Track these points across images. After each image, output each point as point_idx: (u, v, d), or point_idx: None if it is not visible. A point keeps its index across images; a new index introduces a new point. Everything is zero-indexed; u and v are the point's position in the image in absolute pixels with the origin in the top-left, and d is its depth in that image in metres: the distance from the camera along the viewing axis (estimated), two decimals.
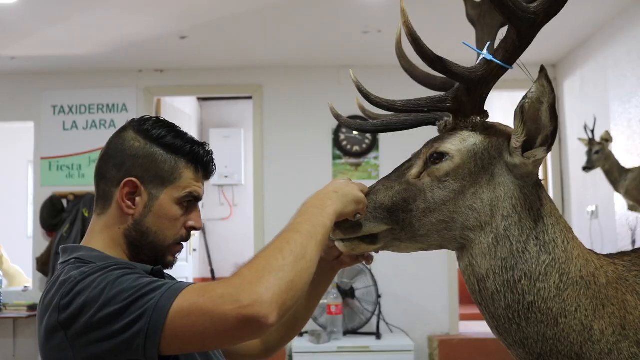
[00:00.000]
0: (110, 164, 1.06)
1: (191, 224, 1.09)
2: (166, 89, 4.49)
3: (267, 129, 4.40)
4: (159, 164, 1.05)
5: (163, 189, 1.06)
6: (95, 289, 0.89)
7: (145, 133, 1.07)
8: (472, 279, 0.94)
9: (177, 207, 1.07)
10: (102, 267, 0.93)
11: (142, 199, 1.05)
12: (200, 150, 1.09)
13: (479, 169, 0.94)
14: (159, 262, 1.08)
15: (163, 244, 1.07)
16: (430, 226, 0.96)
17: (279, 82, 4.43)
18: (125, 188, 1.04)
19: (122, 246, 1.05)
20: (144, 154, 1.05)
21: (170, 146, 1.06)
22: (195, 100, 5.95)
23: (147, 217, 1.05)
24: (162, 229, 1.06)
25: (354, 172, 4.34)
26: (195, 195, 1.08)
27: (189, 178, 1.07)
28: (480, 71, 0.93)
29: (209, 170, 1.12)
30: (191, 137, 1.11)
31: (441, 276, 4.23)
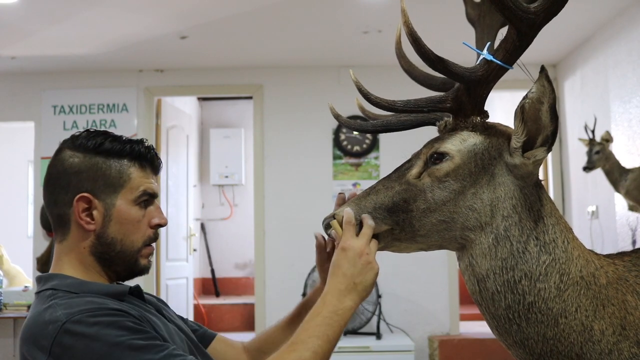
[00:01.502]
0: (57, 189, 1.04)
1: (156, 222, 1.08)
2: (166, 88, 4.49)
3: (267, 129, 4.40)
4: (104, 171, 1.03)
5: (116, 195, 1.04)
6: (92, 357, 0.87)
7: (81, 147, 1.04)
8: (472, 279, 0.94)
9: (136, 208, 1.05)
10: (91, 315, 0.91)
11: (98, 211, 1.03)
12: (141, 147, 1.07)
13: (479, 169, 0.94)
14: (133, 269, 1.06)
15: (132, 249, 1.05)
16: (430, 226, 0.96)
17: (279, 82, 4.43)
18: (79, 205, 1.02)
19: (92, 265, 1.04)
20: (86, 167, 1.03)
21: (109, 152, 1.04)
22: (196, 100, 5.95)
23: (109, 228, 1.03)
24: (127, 234, 1.04)
25: (354, 172, 4.34)
26: (149, 192, 1.07)
27: (138, 177, 1.06)
28: (480, 71, 0.93)
29: (155, 165, 1.10)
30: (127, 138, 1.09)
31: (441, 276, 4.23)
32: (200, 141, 6.15)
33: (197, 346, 1.12)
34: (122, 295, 1.02)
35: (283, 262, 4.22)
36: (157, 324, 1.02)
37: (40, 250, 4.29)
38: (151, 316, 1.03)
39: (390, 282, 4.14)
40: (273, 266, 4.28)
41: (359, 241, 0.97)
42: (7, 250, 4.99)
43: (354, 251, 0.97)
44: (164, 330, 1.01)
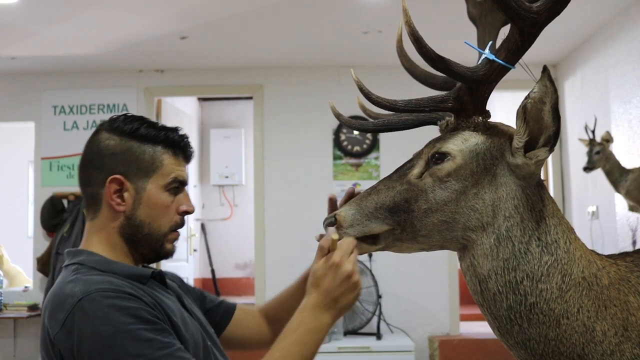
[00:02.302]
0: (92, 169, 1.08)
1: (183, 209, 1.11)
2: (167, 89, 4.49)
3: (267, 129, 4.40)
4: (138, 156, 1.07)
5: (148, 180, 1.07)
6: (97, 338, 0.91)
7: (118, 130, 1.08)
8: (474, 279, 0.94)
9: (166, 194, 1.08)
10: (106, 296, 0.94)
11: (129, 194, 1.06)
12: (175, 135, 1.11)
13: (481, 169, 0.94)
14: (159, 252, 1.10)
15: (159, 233, 1.08)
16: (431, 226, 0.95)
17: (280, 83, 4.43)
18: (111, 186, 1.06)
19: (119, 245, 1.07)
20: (121, 150, 1.07)
21: (145, 137, 1.08)
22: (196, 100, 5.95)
23: (138, 210, 1.07)
24: (155, 218, 1.08)
25: (354, 173, 4.34)
26: (180, 179, 1.10)
27: (170, 164, 1.09)
28: (482, 71, 0.92)
29: (188, 153, 1.13)
30: (163, 125, 1.12)
31: (442, 276, 4.23)
32: (201, 141, 6.15)
33: (213, 340, 1.14)
34: (144, 278, 1.05)
35: (283, 263, 4.22)
36: (172, 310, 1.04)
37: (40, 250, 4.28)
38: (168, 302, 1.05)
39: (390, 283, 4.14)
40: (273, 266, 4.28)
41: (350, 261, 0.97)
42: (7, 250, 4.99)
43: (345, 272, 0.97)
44: (178, 318, 1.03)
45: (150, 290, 1.04)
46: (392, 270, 4.14)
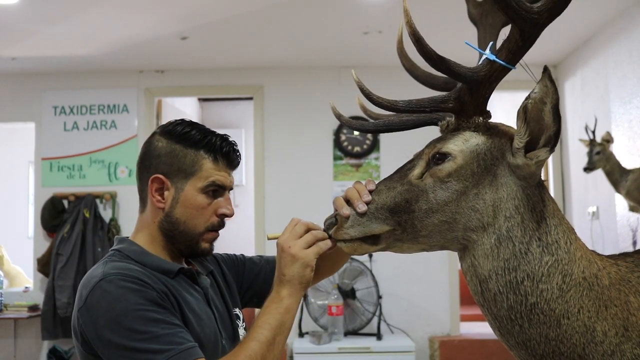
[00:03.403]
0: (142, 168, 1.18)
1: (222, 211, 1.18)
2: (167, 89, 4.49)
3: (267, 130, 4.40)
4: (180, 158, 1.15)
5: (187, 181, 1.15)
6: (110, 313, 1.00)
7: (167, 133, 1.17)
8: (475, 279, 0.94)
9: (203, 196, 1.15)
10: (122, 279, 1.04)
11: (170, 193, 1.15)
12: (217, 140, 1.17)
13: (482, 170, 0.94)
14: (194, 250, 1.17)
15: (194, 231, 1.16)
16: (432, 227, 0.96)
17: (280, 83, 4.43)
18: (154, 184, 1.15)
19: (158, 238, 1.16)
20: (166, 152, 1.16)
21: (189, 141, 1.15)
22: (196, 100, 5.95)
23: (175, 209, 1.15)
24: (191, 217, 1.15)
25: (354, 173, 4.34)
26: (218, 183, 1.16)
27: (210, 168, 1.16)
28: (483, 71, 0.93)
29: (231, 159, 1.20)
30: (211, 130, 1.19)
31: (442, 277, 4.23)
32: None
33: (234, 335, 1.23)
34: (170, 273, 1.13)
35: None
36: (191, 305, 1.12)
37: (40, 251, 4.28)
38: (189, 297, 1.13)
39: (390, 283, 4.14)
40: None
41: (282, 237, 1.09)
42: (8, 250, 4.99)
43: (279, 247, 1.08)
44: (193, 313, 1.11)
45: (173, 284, 1.12)
46: (393, 270, 4.14)
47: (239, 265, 1.38)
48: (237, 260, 1.40)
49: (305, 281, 1.07)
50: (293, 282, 1.07)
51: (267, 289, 1.34)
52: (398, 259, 3.96)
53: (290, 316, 1.07)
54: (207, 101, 6.14)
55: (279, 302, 1.07)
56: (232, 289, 1.32)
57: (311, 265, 1.07)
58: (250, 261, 1.40)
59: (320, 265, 1.16)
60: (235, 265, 1.38)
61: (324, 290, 3.84)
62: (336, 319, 3.75)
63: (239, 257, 1.41)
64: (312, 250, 1.06)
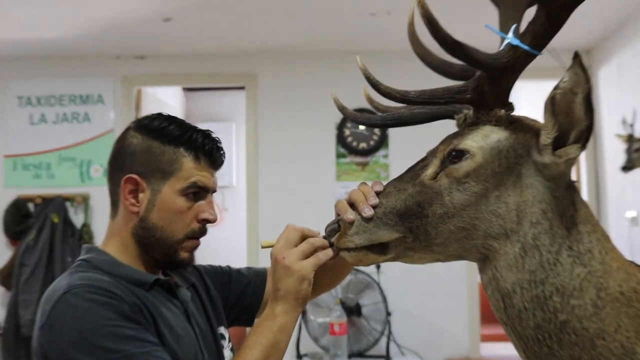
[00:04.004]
0: (114, 167, 1.18)
1: (204, 216, 1.18)
2: (147, 77, 4.50)
3: (261, 124, 4.41)
4: (157, 156, 1.15)
5: (164, 182, 1.15)
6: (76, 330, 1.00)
7: (143, 128, 1.17)
8: (496, 294, 0.94)
9: (182, 199, 1.15)
10: (89, 290, 1.04)
11: (145, 195, 1.15)
12: (199, 136, 1.17)
13: (504, 169, 0.94)
14: (172, 260, 1.17)
15: (172, 239, 1.16)
16: (448, 234, 0.96)
17: (276, 71, 4.44)
18: (127, 186, 1.15)
19: (132, 247, 1.16)
20: (141, 149, 1.15)
21: (168, 137, 1.15)
22: (181, 90, 5.96)
23: (151, 213, 1.15)
24: (168, 223, 1.15)
25: (360, 173, 4.35)
26: (200, 185, 1.17)
27: (190, 168, 1.16)
28: (505, 58, 0.93)
29: (214, 157, 1.19)
30: (192, 126, 1.19)
31: (460, 291, 4.23)
32: None
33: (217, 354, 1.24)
34: (145, 285, 1.13)
35: None
36: (168, 320, 1.12)
37: (2, 261, 4.28)
38: (166, 312, 1.13)
39: (401, 298, 4.14)
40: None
41: (275, 246, 1.09)
42: None
43: (272, 258, 1.08)
44: (169, 329, 1.11)
45: (148, 297, 1.12)
46: (403, 284, 4.14)
47: (224, 278, 1.38)
48: (222, 272, 1.40)
49: (302, 296, 1.07)
50: (288, 298, 1.07)
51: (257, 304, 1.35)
52: (409, 271, 3.96)
53: (285, 336, 1.07)
54: (193, 91, 6.15)
55: (272, 320, 1.07)
56: (216, 304, 1.32)
57: (308, 278, 1.07)
58: (237, 273, 1.41)
59: (320, 278, 1.16)
60: (219, 278, 1.38)
61: (325, 306, 3.84)
62: (339, 339, 3.75)
63: (224, 269, 1.41)
64: (310, 261, 1.06)
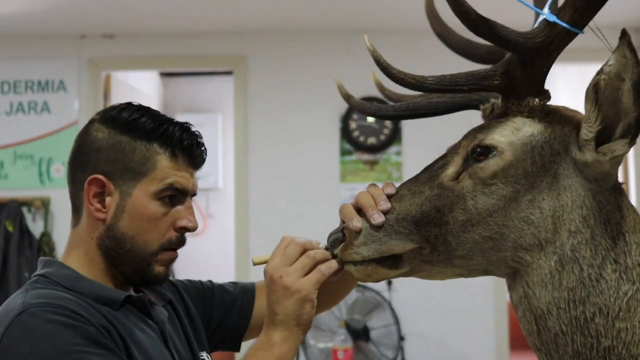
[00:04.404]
0: (76, 166, 1.17)
1: (182, 224, 1.17)
2: (118, 60, 4.49)
3: (252, 115, 4.40)
4: (127, 153, 1.14)
5: (135, 184, 1.14)
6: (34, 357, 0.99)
7: (110, 121, 1.16)
8: (529, 315, 0.94)
9: (157, 204, 1.15)
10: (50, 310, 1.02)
11: (113, 199, 1.14)
12: (176, 130, 1.16)
13: (538, 169, 0.95)
14: (145, 275, 1.17)
15: (144, 250, 1.15)
16: (471, 244, 0.96)
17: (269, 53, 4.43)
18: (92, 188, 1.14)
19: (97, 260, 1.16)
20: (108, 145, 1.14)
21: (138, 130, 1.15)
22: (157, 76, 5.96)
23: (120, 220, 1.14)
24: (140, 232, 1.14)
25: (368, 173, 4.35)
26: (177, 187, 1.16)
27: (166, 167, 1.15)
28: (539, 37, 0.93)
29: (194, 155, 1.19)
30: (168, 117, 1.18)
31: (486, 312, 4.23)
32: None
33: None
34: (114, 303, 1.13)
35: None
36: (141, 344, 1.12)
37: None
38: (140, 334, 1.13)
39: (416, 320, 4.14)
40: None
41: (271, 262, 1.08)
42: None
43: (267, 277, 1.08)
44: (149, 350, 1.12)
45: (118, 317, 1.11)
46: (419, 303, 4.13)
47: (205, 295, 1.38)
48: (202, 288, 1.39)
49: (304, 322, 1.07)
50: (288, 324, 1.06)
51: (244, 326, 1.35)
52: (426, 288, 3.95)
53: None
54: (172, 77, 6.15)
55: (268, 349, 1.06)
56: (197, 326, 1.32)
57: (311, 299, 1.06)
58: (220, 290, 1.40)
59: (318, 295, 1.15)
60: (200, 295, 1.37)
61: (327, 329, 3.84)
62: None
63: (206, 285, 1.41)
64: (312, 278, 1.06)
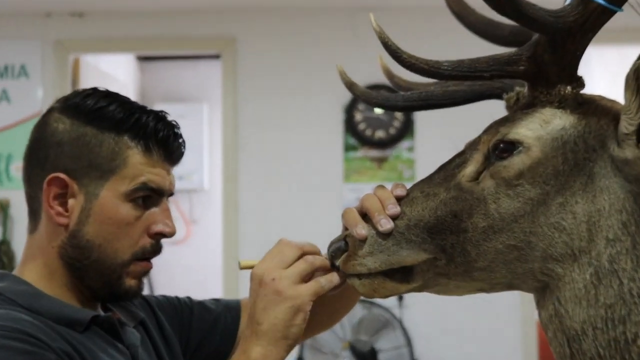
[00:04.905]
0: (33, 161, 1.15)
1: (157, 229, 1.15)
2: (88, 42, 4.50)
3: (242, 105, 4.40)
4: (93, 148, 1.12)
5: (103, 183, 1.12)
6: None
7: (72, 109, 1.14)
8: (560, 336, 0.94)
9: (128, 206, 1.13)
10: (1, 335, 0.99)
11: (76, 201, 1.12)
12: (151, 120, 1.14)
13: (570, 168, 0.95)
14: (114, 289, 1.15)
15: (114, 261, 1.13)
16: (494, 255, 0.96)
17: (262, 34, 4.43)
18: (51, 189, 1.11)
19: (58, 272, 1.13)
20: (70, 139, 1.12)
21: (106, 121, 1.12)
22: (133, 60, 5.96)
23: (86, 226, 1.12)
24: (110, 239, 1.12)
25: (376, 171, 4.34)
26: (152, 186, 1.14)
27: (139, 163, 1.13)
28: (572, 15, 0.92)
29: (170, 148, 1.17)
30: (140, 105, 1.17)
31: (511, 332, 4.23)
32: None
33: None
34: (78, 325, 1.10)
35: None
36: None
37: None
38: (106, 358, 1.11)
39: (431, 341, 4.14)
40: None
41: (264, 261, 1.06)
42: None
43: (256, 279, 1.05)
44: None
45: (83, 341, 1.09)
46: (434, 321, 4.14)
47: (182, 313, 1.37)
48: (179, 305, 1.38)
49: (293, 335, 1.04)
50: (273, 336, 1.03)
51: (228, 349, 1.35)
52: (442, 304, 3.95)
53: None
54: (151, 61, 6.15)
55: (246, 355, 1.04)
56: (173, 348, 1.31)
57: (304, 310, 1.04)
58: (200, 307, 1.39)
59: (315, 312, 1.11)
60: (177, 313, 1.36)
61: (328, 351, 3.84)
62: None
63: (183, 302, 1.40)
64: (309, 287, 1.04)
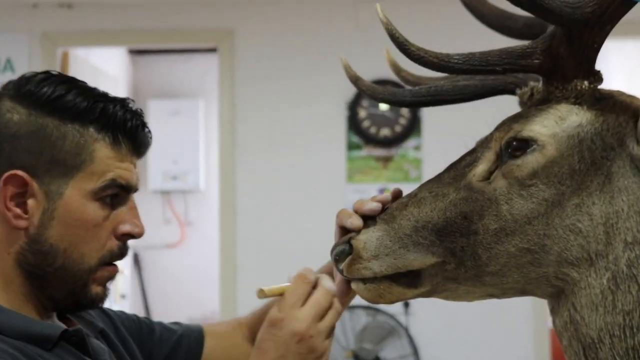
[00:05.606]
0: None
1: (125, 229, 1.12)
2: (77, 35, 4.50)
3: (240, 101, 4.40)
4: (55, 141, 1.07)
5: (68, 181, 1.08)
6: None
7: (27, 97, 1.08)
8: (576, 344, 0.94)
9: (96, 206, 1.09)
10: None
11: (37, 202, 1.07)
12: (118, 109, 1.10)
13: (587, 167, 0.95)
14: (80, 298, 1.11)
15: (80, 266, 1.09)
16: (506, 258, 0.97)
17: (261, 27, 4.43)
18: (7, 188, 1.06)
19: (16, 282, 1.08)
20: (27, 131, 1.07)
21: (69, 111, 1.07)
22: (126, 54, 5.97)
23: (49, 229, 1.07)
24: (76, 243, 1.08)
25: (381, 171, 4.34)
26: (121, 183, 1.10)
27: (107, 157, 1.09)
28: (589, 6, 0.93)
29: (138, 141, 1.13)
30: (101, 92, 1.12)
31: (523, 339, 4.23)
32: None
33: None
34: (47, 342, 1.06)
35: None
36: None
37: None
38: None
39: (438, 349, 4.14)
40: None
41: (301, 313, 1.00)
42: None
43: (290, 330, 0.99)
44: None
45: (50, 359, 1.05)
46: (442, 329, 4.13)
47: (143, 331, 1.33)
48: (140, 323, 1.35)
49: None
50: None
51: None
52: (451, 311, 3.95)
53: None
54: (144, 54, 6.15)
55: None
56: None
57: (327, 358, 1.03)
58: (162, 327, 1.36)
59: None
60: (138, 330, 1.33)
61: None
62: None
63: (144, 321, 1.36)
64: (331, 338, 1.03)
